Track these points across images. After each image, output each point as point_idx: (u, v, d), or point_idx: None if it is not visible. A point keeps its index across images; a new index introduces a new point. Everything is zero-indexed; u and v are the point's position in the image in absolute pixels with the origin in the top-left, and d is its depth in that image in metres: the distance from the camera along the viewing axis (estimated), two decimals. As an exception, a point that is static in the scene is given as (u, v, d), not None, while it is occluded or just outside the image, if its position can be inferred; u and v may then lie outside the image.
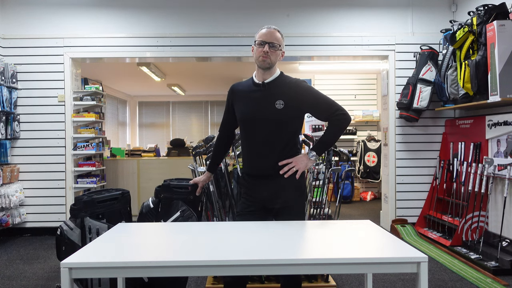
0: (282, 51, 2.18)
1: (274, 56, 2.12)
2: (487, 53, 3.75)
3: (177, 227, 2.09)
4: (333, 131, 2.17)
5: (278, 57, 2.16)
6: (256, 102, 2.14)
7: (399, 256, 1.56)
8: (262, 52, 2.11)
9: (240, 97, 2.23)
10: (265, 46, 2.11)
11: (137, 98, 12.23)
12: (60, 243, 2.57)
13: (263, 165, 2.15)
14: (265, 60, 2.11)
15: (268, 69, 2.14)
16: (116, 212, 2.68)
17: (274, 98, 2.10)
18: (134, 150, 7.01)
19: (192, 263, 1.49)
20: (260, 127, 2.13)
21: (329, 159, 3.31)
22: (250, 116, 2.16)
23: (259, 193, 2.17)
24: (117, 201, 2.71)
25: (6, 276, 3.49)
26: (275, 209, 2.16)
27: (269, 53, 2.10)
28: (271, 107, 2.10)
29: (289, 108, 2.10)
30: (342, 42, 5.08)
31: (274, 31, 2.14)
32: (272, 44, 2.11)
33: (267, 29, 2.15)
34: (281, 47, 2.16)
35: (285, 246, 1.70)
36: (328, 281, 3.17)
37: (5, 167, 4.64)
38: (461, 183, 4.48)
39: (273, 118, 2.10)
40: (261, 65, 2.13)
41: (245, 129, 2.21)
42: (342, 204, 6.75)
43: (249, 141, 2.20)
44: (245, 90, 2.21)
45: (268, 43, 2.11)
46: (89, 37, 4.97)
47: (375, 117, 7.69)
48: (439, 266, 3.72)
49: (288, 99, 2.10)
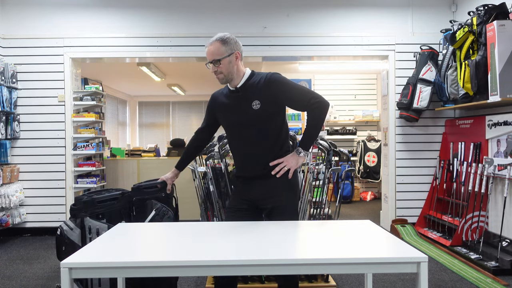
0: (234, 53, 2.10)
1: (224, 68, 2.09)
2: (487, 53, 3.75)
3: (177, 227, 2.09)
4: (313, 122, 2.12)
5: (231, 64, 2.09)
6: (234, 107, 2.16)
7: (399, 256, 1.56)
8: (212, 72, 2.13)
9: (220, 105, 2.25)
10: (210, 66, 2.12)
11: (137, 98, 12.23)
12: (60, 243, 2.57)
13: (253, 167, 2.16)
14: (220, 78, 2.13)
15: (231, 79, 2.13)
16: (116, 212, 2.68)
17: (250, 100, 2.10)
18: (134, 150, 7.01)
19: (192, 263, 1.49)
20: (243, 131, 2.15)
21: (329, 159, 3.31)
22: (231, 122, 2.19)
23: (251, 193, 2.18)
24: (117, 201, 2.71)
25: (6, 276, 3.49)
26: (267, 208, 2.17)
27: (217, 70, 2.10)
28: (249, 109, 2.10)
29: (266, 105, 2.09)
30: (342, 42, 5.08)
31: (210, 47, 2.09)
32: (213, 60, 2.09)
33: (206, 47, 2.12)
34: (227, 54, 2.07)
35: (285, 246, 1.70)
36: (328, 281, 3.17)
37: (5, 167, 4.64)
38: (461, 183, 4.48)
39: (253, 119, 2.10)
40: (221, 82, 2.16)
41: (230, 135, 2.24)
42: (342, 204, 6.75)
43: (236, 146, 2.23)
44: (223, 98, 2.23)
45: (211, 62, 2.10)
46: (89, 37, 4.97)
47: (375, 117, 7.69)
48: (439, 266, 3.72)
49: (263, 97, 2.09)
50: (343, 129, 7.80)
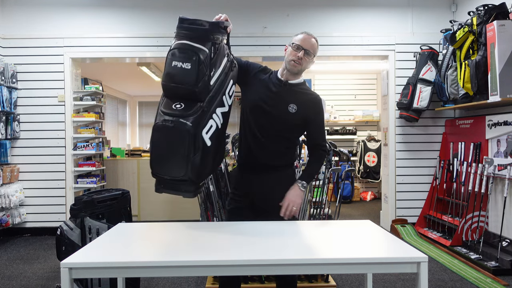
0: (313, 60, 2.19)
1: (305, 63, 2.14)
2: (487, 53, 3.75)
3: (177, 227, 2.09)
4: (318, 162, 2.24)
5: (309, 64, 2.17)
6: (272, 95, 2.14)
7: (399, 256, 1.56)
8: (296, 56, 2.11)
9: (258, 82, 2.19)
10: (300, 51, 2.11)
11: (137, 98, 12.23)
12: (60, 243, 2.57)
13: (260, 155, 2.14)
14: (296, 66, 2.13)
15: (297, 74, 2.17)
16: (116, 212, 2.68)
17: (290, 100, 2.11)
18: (134, 150, 7.00)
19: (192, 263, 1.49)
20: (267, 120, 2.13)
21: (329, 159, 3.31)
22: (261, 105, 2.14)
23: (249, 189, 2.17)
24: (117, 201, 2.71)
25: (6, 276, 3.49)
26: (267, 210, 2.15)
27: (302, 59, 2.11)
28: (284, 107, 2.11)
29: (299, 115, 2.12)
30: (342, 42, 5.08)
31: (311, 38, 2.14)
32: (308, 52, 2.12)
33: (305, 35, 2.14)
34: (315, 56, 2.16)
35: (285, 246, 1.70)
36: (328, 281, 3.17)
37: (5, 167, 4.64)
38: (461, 183, 4.48)
39: (283, 117, 2.11)
40: (291, 69, 2.14)
41: (251, 114, 2.16)
42: (342, 204, 6.74)
43: (251, 129, 2.16)
44: (266, 80, 2.19)
45: (305, 50, 2.11)
46: (89, 37, 4.97)
47: (375, 117, 7.69)
48: (439, 266, 3.72)
49: (301, 107, 2.12)
50: (343, 129, 7.80)
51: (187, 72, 1.87)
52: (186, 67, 1.87)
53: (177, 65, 1.88)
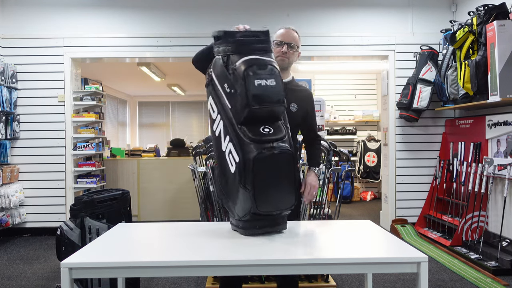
0: (298, 52, 2.20)
1: (292, 57, 2.16)
2: (487, 53, 3.75)
3: (177, 227, 2.09)
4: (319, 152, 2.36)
5: (295, 57, 2.19)
6: None
7: (399, 256, 1.56)
8: (280, 52, 2.13)
9: None
10: (283, 46, 2.13)
11: (137, 98, 12.23)
12: (60, 243, 2.57)
13: None
14: (284, 60, 2.14)
15: (286, 69, 2.18)
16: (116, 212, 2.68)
17: (290, 100, 2.12)
18: (134, 150, 7.01)
19: (192, 263, 1.49)
20: None
21: (329, 159, 3.31)
22: None
23: None
24: (117, 201, 2.71)
25: (6, 276, 3.49)
26: None
27: (287, 53, 2.13)
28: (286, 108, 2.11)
29: (300, 112, 2.16)
30: (342, 42, 5.08)
31: (291, 31, 2.16)
32: (290, 44, 2.14)
33: (285, 29, 2.16)
34: (298, 48, 2.19)
35: (285, 246, 1.70)
36: (328, 281, 3.17)
37: (5, 167, 4.64)
38: (461, 183, 4.48)
39: None
40: (280, 65, 2.13)
41: None
42: (342, 204, 6.74)
43: None
44: None
45: (287, 44, 2.13)
46: (89, 37, 4.97)
47: (375, 117, 7.69)
48: (439, 266, 3.72)
49: (300, 104, 2.16)
50: (343, 129, 7.80)
51: (274, 88, 1.69)
52: (271, 84, 1.69)
53: (261, 83, 1.67)
